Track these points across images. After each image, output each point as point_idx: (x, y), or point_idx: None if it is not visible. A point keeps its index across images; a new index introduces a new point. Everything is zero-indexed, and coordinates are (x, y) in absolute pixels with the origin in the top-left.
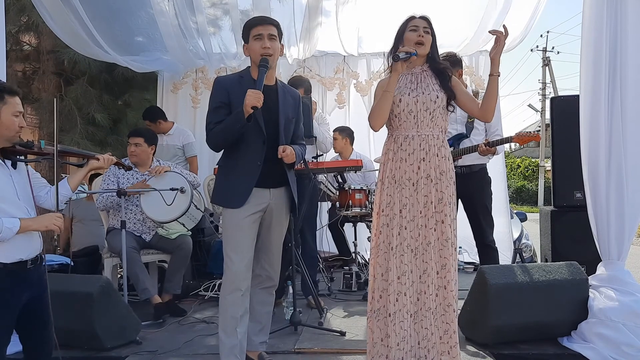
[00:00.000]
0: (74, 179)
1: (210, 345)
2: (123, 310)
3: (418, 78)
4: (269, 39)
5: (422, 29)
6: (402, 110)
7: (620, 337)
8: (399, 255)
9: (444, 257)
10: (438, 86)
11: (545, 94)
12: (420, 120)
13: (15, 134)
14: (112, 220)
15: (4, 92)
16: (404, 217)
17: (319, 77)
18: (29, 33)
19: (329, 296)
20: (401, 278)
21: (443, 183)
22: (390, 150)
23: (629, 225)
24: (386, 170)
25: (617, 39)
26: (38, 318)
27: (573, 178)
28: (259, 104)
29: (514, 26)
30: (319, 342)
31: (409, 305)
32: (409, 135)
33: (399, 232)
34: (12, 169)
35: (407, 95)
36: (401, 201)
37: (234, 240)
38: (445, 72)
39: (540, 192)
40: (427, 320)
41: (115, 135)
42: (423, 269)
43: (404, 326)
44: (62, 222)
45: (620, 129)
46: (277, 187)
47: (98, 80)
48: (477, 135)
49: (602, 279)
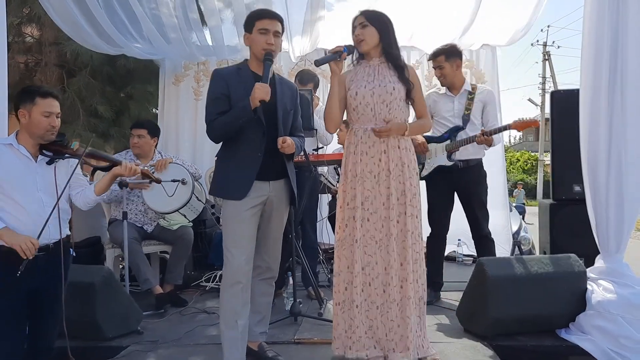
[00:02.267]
0: (99, 185)
1: (211, 335)
2: (125, 301)
3: (375, 70)
4: (274, 36)
5: (358, 26)
6: (359, 104)
7: (618, 330)
8: (362, 247)
9: (405, 248)
10: (396, 78)
11: (545, 89)
12: (377, 112)
13: (45, 132)
14: (114, 211)
15: (36, 94)
16: (366, 209)
17: (321, 71)
18: (31, 25)
19: (329, 287)
20: (365, 269)
21: (405, 175)
22: (351, 144)
23: (628, 218)
24: (348, 163)
25: (618, 34)
26: (44, 308)
27: (572, 172)
28: (267, 97)
29: (517, 19)
30: (318, 332)
31: (374, 296)
32: (367, 128)
33: (362, 224)
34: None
35: (363, 88)
36: (363, 194)
37: (233, 234)
38: (398, 63)
39: (539, 186)
40: (393, 312)
41: (117, 127)
42: (387, 261)
43: (370, 315)
44: (30, 247)
45: (620, 122)
46: (277, 180)
47: (100, 72)
48: (473, 129)
49: (601, 271)
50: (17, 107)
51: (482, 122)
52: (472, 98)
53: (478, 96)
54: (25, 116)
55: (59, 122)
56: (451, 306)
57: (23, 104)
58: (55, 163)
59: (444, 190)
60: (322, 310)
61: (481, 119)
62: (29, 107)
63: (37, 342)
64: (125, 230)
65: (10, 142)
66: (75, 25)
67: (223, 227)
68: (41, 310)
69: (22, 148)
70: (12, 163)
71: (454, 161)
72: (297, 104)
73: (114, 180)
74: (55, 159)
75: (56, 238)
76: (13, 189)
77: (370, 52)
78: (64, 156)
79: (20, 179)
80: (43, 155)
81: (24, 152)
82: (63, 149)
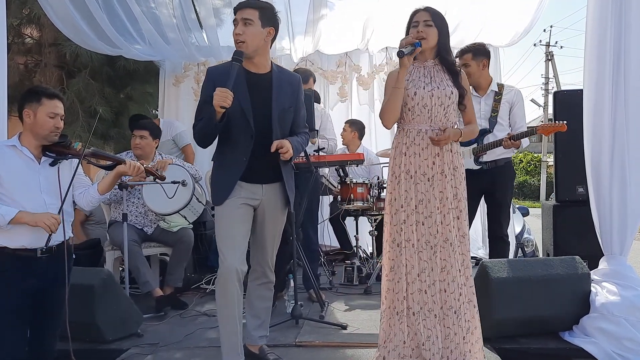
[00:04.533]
0: (103, 184)
1: (212, 338)
2: (124, 303)
3: (431, 72)
4: (243, 24)
5: (422, 23)
6: (416, 104)
7: (622, 332)
8: (417, 252)
9: (463, 253)
10: (451, 82)
11: (548, 89)
12: (434, 114)
13: (49, 133)
14: (114, 213)
15: (42, 95)
16: (421, 212)
17: (321, 71)
18: (31, 26)
19: (330, 290)
20: (421, 275)
21: (457, 179)
22: (402, 144)
23: (632, 220)
24: (400, 164)
25: (622, 34)
26: (46, 310)
27: (575, 173)
28: (225, 103)
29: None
30: (320, 335)
31: (430, 304)
32: (422, 129)
33: (416, 228)
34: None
35: (422, 89)
36: (417, 196)
37: (224, 236)
38: (454, 68)
39: (542, 187)
40: (450, 319)
41: (117, 129)
42: (442, 266)
43: (427, 325)
44: (54, 223)
45: (623, 123)
46: (270, 183)
47: (100, 73)
48: (500, 131)
49: (604, 273)
50: (21, 107)
51: (510, 123)
52: (499, 99)
53: (505, 96)
54: (30, 116)
55: (62, 123)
56: None
57: (29, 104)
58: (58, 164)
59: (471, 194)
60: (324, 313)
61: (508, 120)
62: (34, 107)
63: (39, 345)
64: (125, 232)
65: (14, 143)
66: (75, 26)
67: (216, 229)
68: (43, 312)
69: (26, 149)
70: (16, 164)
71: (481, 164)
72: (300, 99)
73: (118, 179)
74: (58, 160)
75: (59, 240)
76: (16, 191)
77: (426, 53)
78: (67, 157)
79: (23, 180)
80: (46, 157)
81: (27, 154)
82: (66, 149)
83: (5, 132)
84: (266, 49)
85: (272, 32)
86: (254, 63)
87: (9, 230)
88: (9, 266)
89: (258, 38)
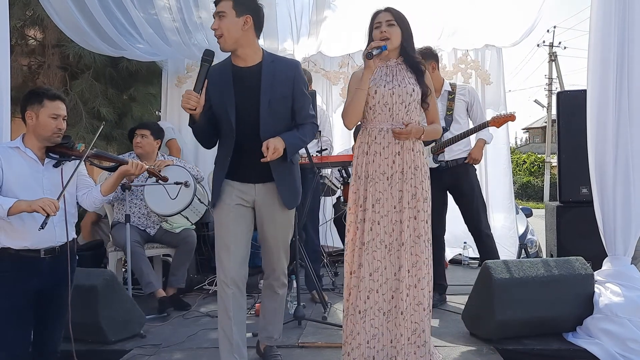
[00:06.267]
0: (106, 185)
1: (214, 339)
2: (127, 304)
3: (393, 71)
4: (218, 18)
5: (384, 23)
6: (377, 102)
7: (625, 333)
8: (371, 252)
9: (416, 254)
10: (414, 80)
11: (551, 90)
12: (395, 113)
13: (52, 135)
14: (117, 214)
15: (44, 96)
16: (377, 212)
17: (324, 72)
18: (34, 27)
19: (333, 290)
20: (373, 275)
21: (417, 178)
22: (364, 144)
23: (636, 220)
24: (362, 164)
25: (625, 34)
26: (49, 311)
27: (579, 173)
28: (190, 105)
29: (521, 20)
30: (322, 336)
31: (381, 303)
32: (383, 128)
33: (372, 227)
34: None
35: (382, 87)
36: (374, 195)
37: (221, 238)
38: (419, 67)
39: (546, 188)
40: (399, 320)
41: (120, 130)
42: (398, 266)
43: (374, 324)
44: (49, 204)
45: (627, 123)
46: (263, 182)
47: (103, 74)
48: (457, 129)
49: (608, 274)
50: (24, 109)
51: (471, 121)
52: (453, 98)
53: (459, 95)
54: (33, 118)
55: (65, 124)
56: (457, 309)
57: (31, 106)
58: (62, 165)
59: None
60: (326, 313)
61: (467, 118)
62: (36, 109)
63: (42, 345)
64: (128, 233)
65: (17, 145)
66: (77, 28)
67: (215, 232)
68: (47, 313)
69: (29, 151)
70: (19, 166)
71: (439, 162)
72: (298, 86)
73: (121, 179)
74: (61, 161)
75: (62, 241)
76: (20, 192)
77: (390, 52)
78: (70, 158)
79: (27, 181)
80: (49, 158)
81: (30, 155)
82: (69, 151)
83: (9, 134)
84: (248, 39)
85: (249, 21)
86: (239, 56)
87: (14, 230)
88: (13, 267)
89: (234, 29)
